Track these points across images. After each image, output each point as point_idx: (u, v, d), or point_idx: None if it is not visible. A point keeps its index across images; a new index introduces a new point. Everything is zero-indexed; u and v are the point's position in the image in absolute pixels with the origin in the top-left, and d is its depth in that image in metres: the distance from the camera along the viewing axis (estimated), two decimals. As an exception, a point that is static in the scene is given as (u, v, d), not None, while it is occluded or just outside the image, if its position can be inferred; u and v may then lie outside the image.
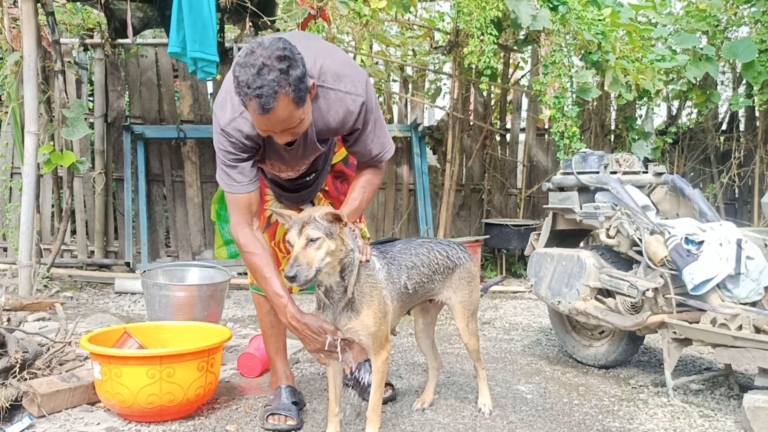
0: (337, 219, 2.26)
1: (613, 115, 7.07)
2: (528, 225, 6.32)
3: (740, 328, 2.88)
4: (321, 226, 2.22)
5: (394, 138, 6.86)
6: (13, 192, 6.45)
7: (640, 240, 3.20)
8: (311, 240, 2.20)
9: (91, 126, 6.45)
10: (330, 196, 2.92)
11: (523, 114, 7.29)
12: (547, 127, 6.95)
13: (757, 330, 2.86)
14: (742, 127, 7.39)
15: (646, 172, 3.70)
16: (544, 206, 3.92)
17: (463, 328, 2.81)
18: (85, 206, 6.65)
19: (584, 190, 3.59)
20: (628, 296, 3.21)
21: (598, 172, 3.55)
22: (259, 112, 2.15)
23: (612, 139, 6.97)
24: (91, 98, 6.93)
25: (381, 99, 7.29)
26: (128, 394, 2.67)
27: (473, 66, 5.92)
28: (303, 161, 2.59)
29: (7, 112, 5.56)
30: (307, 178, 2.75)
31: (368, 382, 3.01)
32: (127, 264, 6.26)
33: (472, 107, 7.18)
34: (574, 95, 5.58)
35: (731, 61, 6.77)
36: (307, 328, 2.39)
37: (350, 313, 2.38)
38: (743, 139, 7.08)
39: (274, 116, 2.16)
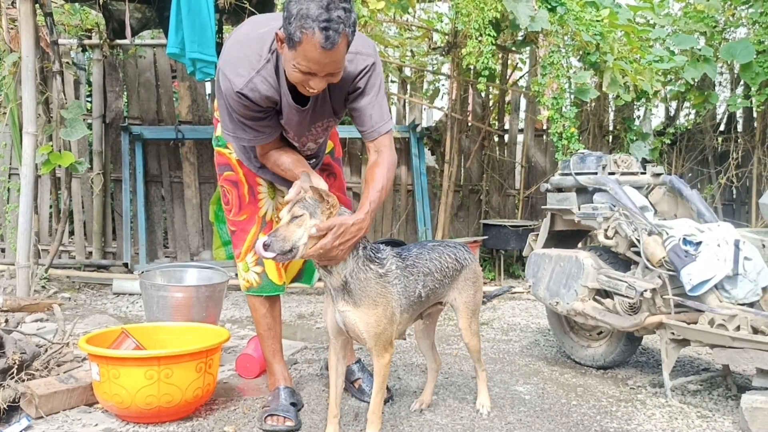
0: (323, 198, 2.29)
1: (611, 115, 7.08)
2: (526, 226, 6.32)
3: (738, 328, 2.88)
4: (306, 205, 2.28)
5: (393, 138, 6.87)
6: (11, 193, 6.45)
7: (639, 241, 3.21)
8: (295, 216, 2.26)
9: (90, 127, 6.45)
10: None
11: (522, 115, 7.29)
12: (545, 127, 6.96)
13: (755, 330, 2.86)
14: (740, 127, 7.40)
15: (644, 173, 3.70)
16: (543, 207, 3.93)
17: (466, 327, 2.81)
18: (83, 207, 6.64)
19: (582, 191, 3.59)
20: (627, 297, 3.21)
21: (596, 173, 3.55)
22: (321, 46, 2.12)
23: (610, 140, 6.98)
24: (89, 99, 6.93)
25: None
26: (126, 395, 2.67)
27: (471, 67, 5.91)
28: (309, 128, 2.59)
29: (5, 113, 5.55)
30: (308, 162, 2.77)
31: (367, 384, 3.01)
32: (125, 265, 6.26)
33: (470, 108, 7.18)
34: (572, 96, 5.58)
35: (729, 62, 6.78)
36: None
37: (347, 297, 2.39)
38: (741, 140, 7.08)
39: (332, 53, 2.15)
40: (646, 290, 3.11)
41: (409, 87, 7.27)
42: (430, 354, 3.01)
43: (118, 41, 6.30)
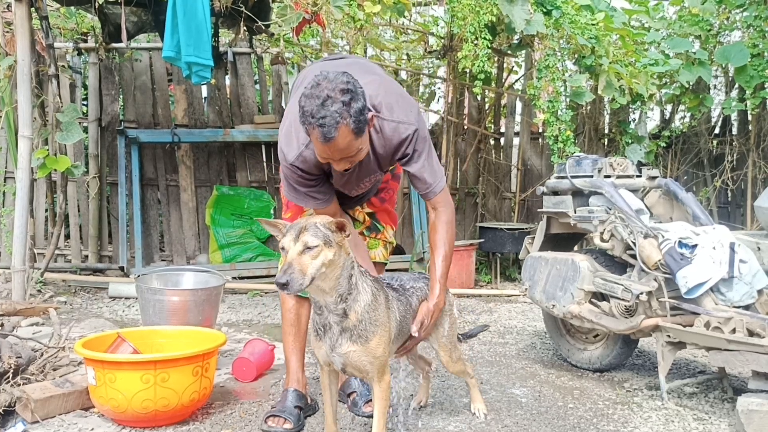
0: (341, 228, 2.20)
1: (607, 119, 7.09)
2: (522, 229, 6.33)
3: (734, 331, 2.89)
4: (320, 234, 2.13)
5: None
6: (6, 196, 6.43)
7: (634, 244, 3.21)
8: (308, 247, 2.11)
9: (85, 130, 6.44)
10: (371, 206, 3.00)
11: (517, 118, 7.31)
12: (541, 130, 6.96)
13: (751, 333, 2.87)
14: (734, 130, 7.43)
15: (640, 176, 3.71)
16: (539, 210, 3.93)
17: (447, 361, 2.78)
18: (79, 210, 6.63)
19: (578, 194, 3.60)
20: (623, 300, 3.22)
21: (592, 176, 3.56)
22: (321, 141, 2.26)
23: (606, 143, 7.00)
24: (85, 102, 6.91)
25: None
26: (122, 399, 2.66)
27: (467, 70, 5.93)
28: (357, 184, 2.70)
29: (0, 117, 5.54)
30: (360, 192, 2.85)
31: (361, 398, 3.00)
32: (122, 268, 6.24)
33: (466, 111, 7.20)
34: (567, 99, 5.60)
35: (724, 66, 6.81)
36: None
37: (356, 338, 2.27)
38: (736, 143, 7.11)
39: (334, 145, 2.26)
40: (642, 293, 3.12)
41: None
42: (418, 363, 3.01)
43: (114, 45, 6.29)
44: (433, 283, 2.61)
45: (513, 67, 7.45)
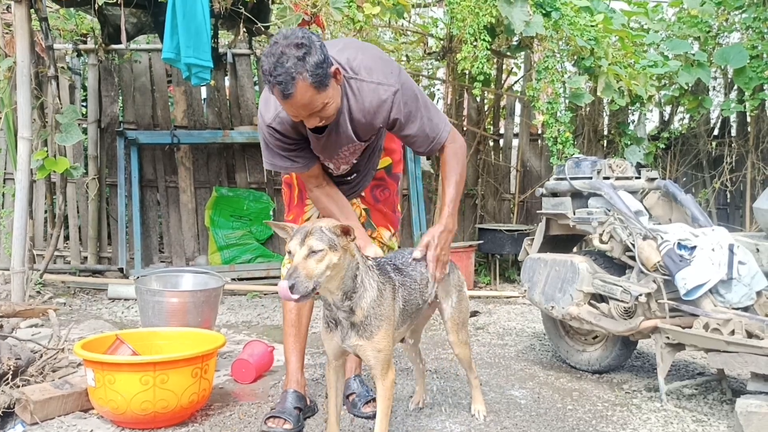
0: (346, 232, 2.18)
1: (606, 120, 7.10)
2: (521, 230, 6.34)
3: (733, 332, 2.89)
4: (325, 238, 2.12)
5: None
6: (6, 198, 6.43)
7: (633, 245, 3.22)
8: (313, 251, 2.11)
9: (85, 131, 6.44)
10: (365, 202, 2.97)
11: (517, 119, 7.32)
12: (540, 132, 6.97)
13: (750, 335, 2.87)
14: (733, 132, 7.44)
15: (639, 178, 3.71)
16: (538, 211, 3.93)
17: (455, 340, 2.78)
18: (78, 212, 6.63)
19: (577, 196, 3.60)
20: (622, 301, 3.22)
21: (591, 178, 3.56)
22: (280, 98, 2.28)
23: (605, 145, 7.00)
24: (84, 104, 6.92)
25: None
26: (121, 400, 2.66)
27: (466, 71, 5.94)
28: (336, 151, 2.65)
29: (0, 118, 5.54)
30: (348, 178, 2.83)
31: (360, 399, 3.00)
32: (121, 270, 6.24)
33: (465, 112, 7.20)
34: (567, 101, 5.60)
35: (723, 67, 6.81)
36: None
37: (362, 332, 2.30)
38: (735, 145, 7.12)
39: (294, 101, 2.27)
40: (641, 294, 3.12)
41: (404, 92, 7.27)
42: (417, 359, 3.03)
43: (114, 46, 6.28)
44: (442, 207, 2.61)
45: (512, 68, 7.46)
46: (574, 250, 4.10)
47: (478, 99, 7.04)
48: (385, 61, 2.53)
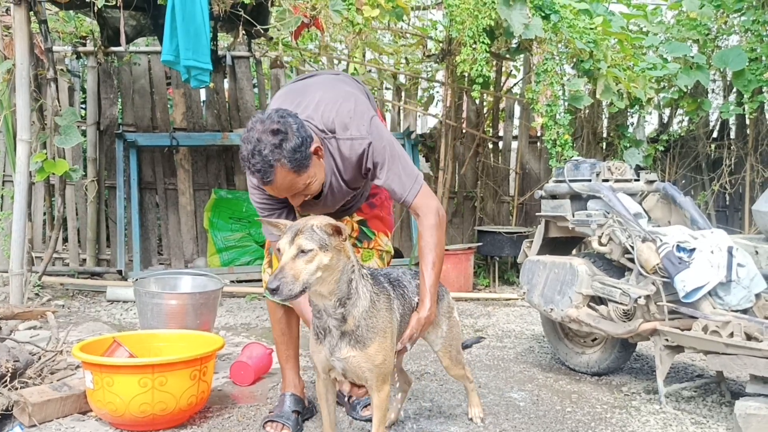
0: (337, 232, 2.10)
1: (605, 122, 7.10)
2: (520, 232, 6.34)
3: (732, 335, 2.89)
4: (315, 237, 2.03)
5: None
6: (5, 200, 6.42)
7: (632, 247, 3.22)
8: (302, 251, 2.02)
9: (84, 134, 6.44)
10: (361, 213, 2.96)
11: (516, 122, 7.32)
12: (539, 134, 6.98)
13: (749, 337, 2.87)
14: (732, 134, 7.44)
15: (638, 180, 3.71)
16: (537, 214, 3.93)
17: (449, 365, 2.70)
18: (77, 214, 6.62)
19: (576, 198, 3.60)
20: (621, 304, 3.22)
21: (590, 180, 3.56)
22: (260, 185, 2.32)
23: (604, 147, 7.00)
24: (83, 106, 6.92)
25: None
26: (120, 403, 2.66)
27: (466, 74, 5.94)
28: (334, 206, 2.68)
29: (-1, 120, 5.55)
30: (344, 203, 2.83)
31: (359, 402, 2.97)
32: (119, 272, 6.24)
33: (464, 115, 7.21)
34: (566, 103, 5.60)
35: (722, 70, 6.82)
36: None
37: (354, 343, 2.20)
38: (734, 147, 7.13)
39: (275, 186, 2.30)
40: (640, 297, 3.12)
41: (403, 94, 7.29)
42: (400, 376, 2.88)
43: (113, 48, 6.29)
44: (423, 295, 2.47)
45: (511, 71, 7.46)
46: (573, 252, 4.10)
47: (477, 101, 7.05)
48: (357, 113, 2.49)
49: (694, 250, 3.12)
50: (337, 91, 2.59)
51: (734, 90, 6.80)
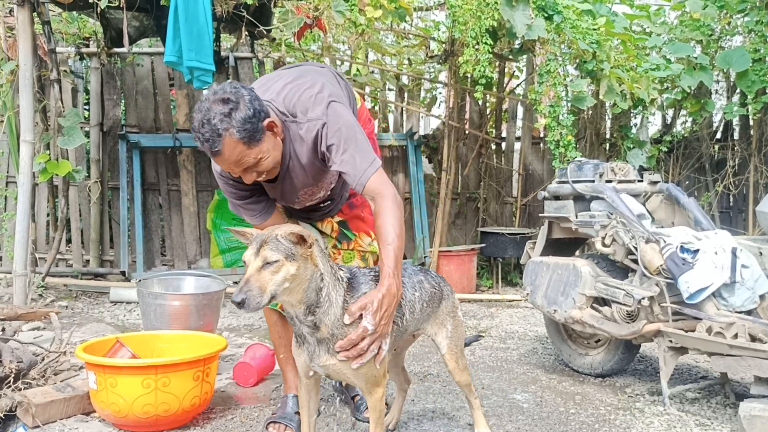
0: (302, 240, 2.03)
1: (608, 123, 7.09)
2: (524, 233, 6.33)
3: (736, 336, 2.88)
4: (281, 247, 1.99)
5: (390, 146, 6.88)
6: (8, 201, 6.44)
7: (636, 248, 3.21)
8: (268, 263, 1.98)
9: (87, 135, 6.44)
10: (341, 214, 2.93)
11: (519, 123, 7.31)
12: (542, 135, 6.97)
13: (753, 338, 2.86)
14: (736, 135, 7.43)
15: (642, 181, 3.70)
16: (540, 215, 3.93)
17: (454, 367, 2.59)
18: (80, 215, 6.63)
19: (580, 199, 3.60)
20: (624, 305, 3.22)
21: (593, 181, 3.56)
22: (209, 155, 2.25)
23: (607, 148, 7.00)
24: (86, 107, 6.93)
25: (376, 108, 7.31)
26: (123, 404, 2.66)
27: (469, 75, 5.94)
28: (295, 196, 2.62)
29: (2, 121, 5.55)
30: (322, 205, 2.80)
31: (363, 402, 2.95)
32: (123, 273, 6.24)
33: (467, 116, 7.20)
34: (569, 104, 5.60)
35: (725, 70, 6.81)
36: None
37: (332, 351, 2.13)
38: (738, 148, 7.11)
39: (223, 157, 2.24)
40: (643, 298, 3.12)
41: (406, 95, 7.29)
42: (399, 377, 2.84)
43: (116, 49, 6.30)
44: (381, 271, 2.22)
45: (514, 71, 7.46)
46: (577, 253, 4.09)
47: (480, 102, 7.04)
48: (318, 96, 2.41)
49: (697, 251, 3.11)
50: (305, 78, 2.53)
51: (738, 91, 6.79)
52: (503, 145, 7.27)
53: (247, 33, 5.51)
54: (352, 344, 2.12)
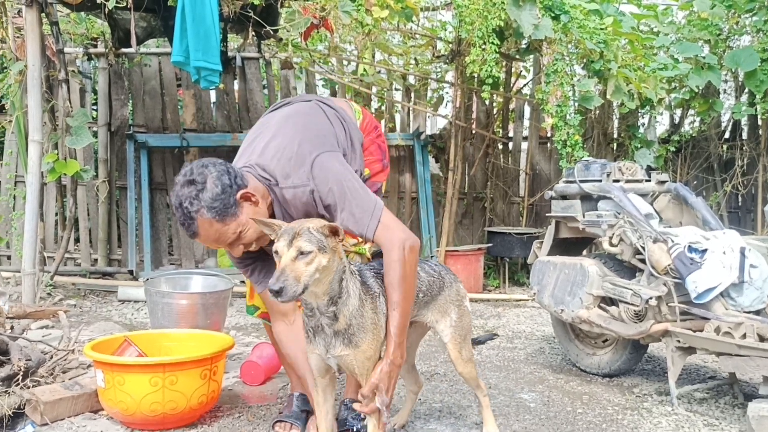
0: (334, 233, 2.07)
1: (616, 123, 7.08)
2: (531, 233, 6.32)
3: (744, 336, 2.87)
4: (314, 239, 2.02)
5: (397, 146, 6.88)
6: (17, 200, 6.47)
7: (644, 248, 3.20)
8: (302, 253, 2.00)
9: (95, 135, 6.47)
10: None
11: (526, 122, 7.30)
12: (549, 135, 6.96)
13: (761, 338, 2.85)
14: (744, 135, 7.40)
15: (649, 181, 3.69)
16: (547, 214, 3.92)
17: (456, 357, 2.56)
18: (88, 214, 6.66)
19: (587, 199, 3.59)
20: (632, 304, 3.21)
21: (600, 181, 3.55)
22: (189, 237, 2.31)
23: (615, 148, 6.98)
24: (94, 107, 6.96)
25: (383, 108, 7.31)
26: (131, 401, 2.67)
27: (475, 75, 5.94)
28: None
29: (11, 121, 5.58)
30: None
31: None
32: (131, 272, 6.27)
33: (474, 116, 7.20)
34: (576, 104, 5.59)
35: (733, 70, 6.78)
36: None
37: (347, 342, 2.17)
38: (746, 148, 7.08)
39: (202, 237, 2.29)
40: (651, 298, 3.11)
41: (413, 95, 7.29)
42: (410, 376, 2.84)
43: (124, 50, 6.31)
44: (388, 339, 2.24)
45: (521, 71, 7.45)
46: (584, 253, 4.08)
47: (487, 102, 7.04)
48: (298, 157, 2.38)
49: (705, 250, 3.10)
50: (284, 132, 2.49)
51: (746, 90, 6.76)
52: (510, 144, 7.26)
53: (253, 33, 5.52)
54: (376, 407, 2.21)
